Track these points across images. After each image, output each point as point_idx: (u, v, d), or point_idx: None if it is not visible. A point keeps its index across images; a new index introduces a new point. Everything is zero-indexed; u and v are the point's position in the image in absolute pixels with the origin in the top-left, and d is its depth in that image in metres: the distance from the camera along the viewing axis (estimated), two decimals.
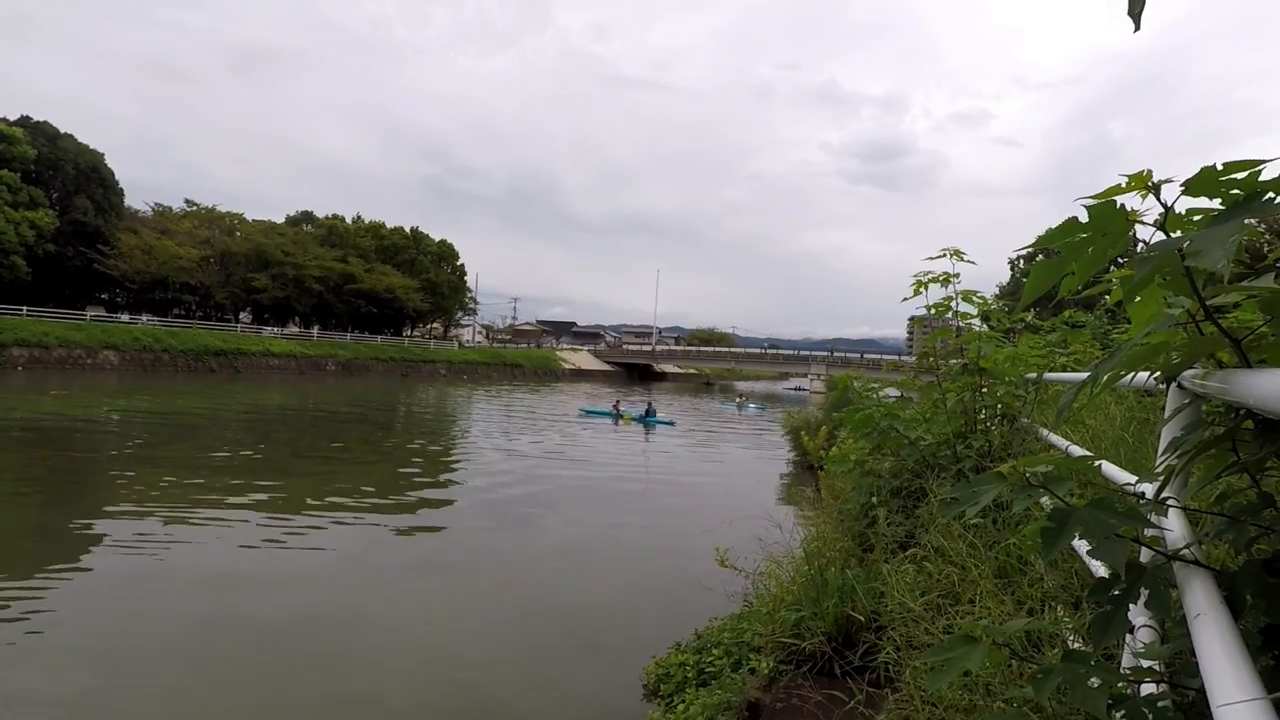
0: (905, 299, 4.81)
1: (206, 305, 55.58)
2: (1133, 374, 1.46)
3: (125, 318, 46.88)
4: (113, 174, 51.29)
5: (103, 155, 50.41)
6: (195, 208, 56.94)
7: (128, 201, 53.73)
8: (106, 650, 5.91)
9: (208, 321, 52.35)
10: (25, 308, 39.49)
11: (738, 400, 45.40)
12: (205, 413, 23.48)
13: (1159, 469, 1.43)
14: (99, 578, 7.63)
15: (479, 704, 5.46)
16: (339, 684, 5.52)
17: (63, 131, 48.61)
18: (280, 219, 63.55)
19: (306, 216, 65.34)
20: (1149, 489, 1.46)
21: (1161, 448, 1.58)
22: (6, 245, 41.13)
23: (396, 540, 9.90)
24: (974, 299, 4.79)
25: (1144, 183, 1.06)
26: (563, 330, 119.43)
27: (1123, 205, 1.07)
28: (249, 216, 59.67)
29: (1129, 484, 1.68)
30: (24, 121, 46.80)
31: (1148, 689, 1.29)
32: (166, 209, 56.18)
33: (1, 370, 32.87)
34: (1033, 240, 1.24)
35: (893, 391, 6.56)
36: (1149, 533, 1.30)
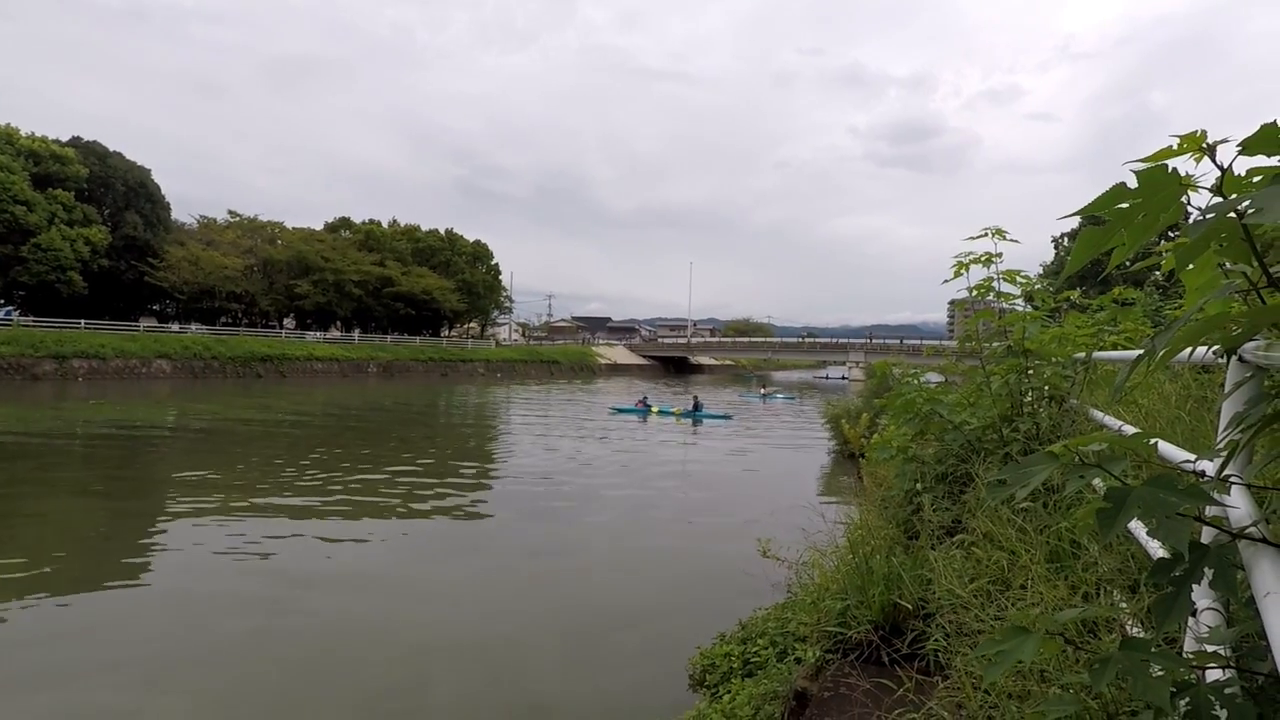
0: (946, 281, 4.70)
1: (252, 313, 57.23)
2: (1190, 348, 1.40)
3: (176, 327, 48.52)
4: (159, 189, 53.00)
5: (149, 171, 52.16)
6: (238, 218, 58.54)
7: (174, 215, 55.53)
8: (164, 642, 6.14)
9: (253, 329, 53.84)
10: (83, 321, 41.21)
11: (762, 390, 41.09)
12: (254, 417, 24.17)
13: (1220, 445, 1.36)
14: (156, 578, 7.93)
15: (527, 693, 5.54)
16: (386, 675, 5.64)
17: (111, 150, 50.37)
18: (319, 225, 65.04)
19: (344, 222, 66.65)
20: (1209, 466, 1.40)
21: (1223, 423, 1.52)
22: (64, 262, 42.91)
23: (440, 536, 10.07)
24: (1017, 279, 4.66)
25: (1197, 144, 1.01)
26: (598, 326, 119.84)
27: (1174, 169, 1.02)
28: (289, 224, 61.36)
29: (1187, 462, 1.61)
30: (75, 142, 48.63)
31: (1213, 675, 1.23)
32: (211, 221, 57.88)
33: (64, 381, 34.32)
34: (1077, 209, 1.19)
35: (934, 376, 6.42)
36: (1212, 511, 1.25)
